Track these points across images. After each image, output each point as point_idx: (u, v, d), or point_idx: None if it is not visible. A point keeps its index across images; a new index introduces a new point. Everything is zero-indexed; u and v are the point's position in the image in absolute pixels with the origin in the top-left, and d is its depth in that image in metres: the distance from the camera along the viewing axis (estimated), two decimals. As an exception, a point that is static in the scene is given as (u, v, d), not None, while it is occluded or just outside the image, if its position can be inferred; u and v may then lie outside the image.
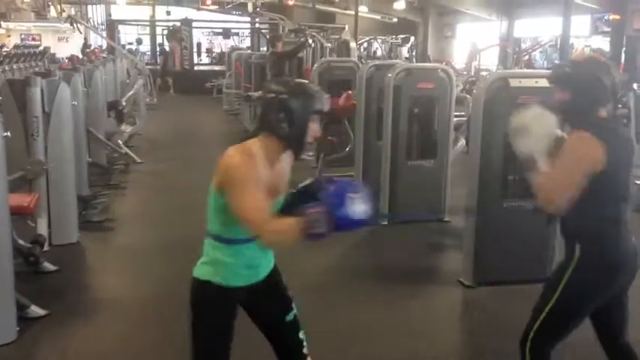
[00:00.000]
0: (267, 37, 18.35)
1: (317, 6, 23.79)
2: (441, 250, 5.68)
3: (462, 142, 6.82)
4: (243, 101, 11.95)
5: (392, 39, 22.29)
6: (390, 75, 5.97)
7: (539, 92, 4.32)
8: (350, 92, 7.20)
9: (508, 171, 4.56)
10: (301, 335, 2.44)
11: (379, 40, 22.23)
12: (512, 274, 4.53)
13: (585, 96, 2.41)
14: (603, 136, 2.33)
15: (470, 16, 23.87)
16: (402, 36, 22.33)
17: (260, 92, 10.86)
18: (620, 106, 7.16)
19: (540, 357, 2.55)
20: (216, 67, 21.67)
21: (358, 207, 1.95)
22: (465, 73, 18.35)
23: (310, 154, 8.77)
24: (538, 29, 20.85)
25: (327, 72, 8.36)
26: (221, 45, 27.25)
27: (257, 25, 23.52)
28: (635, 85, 7.72)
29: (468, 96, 7.71)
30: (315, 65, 8.89)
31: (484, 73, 13.44)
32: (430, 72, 6.53)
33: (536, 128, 2.42)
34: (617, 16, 15.27)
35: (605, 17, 16.03)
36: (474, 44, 19.82)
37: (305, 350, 2.43)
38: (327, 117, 8.08)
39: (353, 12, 19.27)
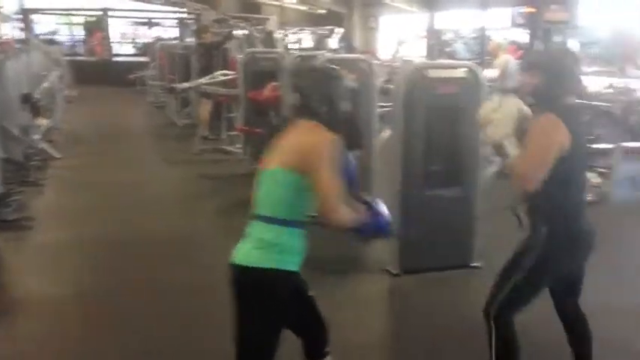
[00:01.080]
0: (192, 28, 17.96)
1: (244, -4, 23.50)
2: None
3: (389, 132, 6.90)
4: (168, 93, 11.69)
5: (320, 30, 22.30)
6: (313, 66, 5.97)
7: (456, 82, 4.50)
8: (275, 83, 7.16)
9: (430, 160, 4.66)
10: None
11: (307, 31, 22.19)
12: (436, 262, 4.64)
13: (558, 82, 2.63)
14: (568, 120, 2.53)
15: (393, 7, 24.18)
16: (328, 27, 22.40)
17: (186, 84, 10.46)
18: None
19: (506, 324, 2.72)
20: (142, 59, 21.03)
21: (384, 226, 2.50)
22: (389, 64, 18.60)
23: (238, 146, 8.70)
24: (460, 21, 21.38)
25: (252, 63, 8.27)
26: (147, 35, 26.44)
27: (181, 15, 23.00)
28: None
29: (391, 86, 7.81)
30: (241, 56, 8.79)
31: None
32: (351, 63, 6.56)
33: (498, 116, 2.68)
34: (532, 9, 15.91)
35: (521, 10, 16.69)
36: (398, 36, 20.17)
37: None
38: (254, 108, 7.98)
39: (279, 3, 19.16)
